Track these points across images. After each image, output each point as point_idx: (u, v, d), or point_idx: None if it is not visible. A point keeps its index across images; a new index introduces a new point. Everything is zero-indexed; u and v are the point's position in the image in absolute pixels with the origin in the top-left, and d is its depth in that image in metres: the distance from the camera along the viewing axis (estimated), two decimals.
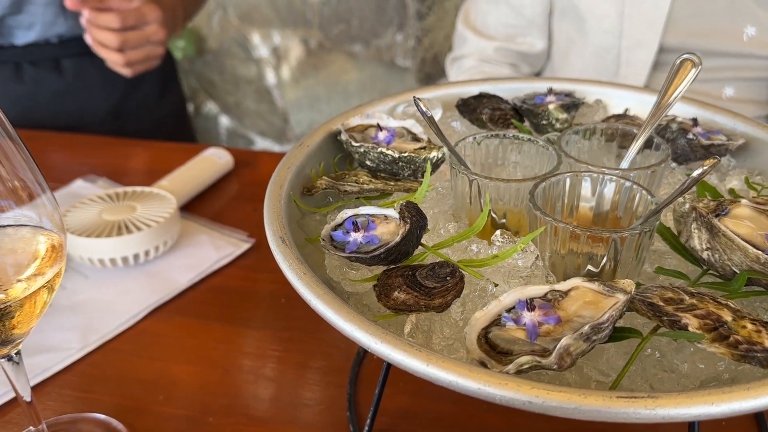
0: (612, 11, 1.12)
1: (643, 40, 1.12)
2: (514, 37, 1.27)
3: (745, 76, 1.10)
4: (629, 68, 1.14)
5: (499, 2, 1.26)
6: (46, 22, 1.32)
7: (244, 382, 0.73)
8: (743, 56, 1.09)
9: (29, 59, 1.36)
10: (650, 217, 0.53)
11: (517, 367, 0.44)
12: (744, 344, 0.45)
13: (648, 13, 1.10)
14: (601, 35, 1.15)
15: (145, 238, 0.88)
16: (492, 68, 1.29)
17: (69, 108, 1.41)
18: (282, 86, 2.62)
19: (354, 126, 0.74)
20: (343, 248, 0.56)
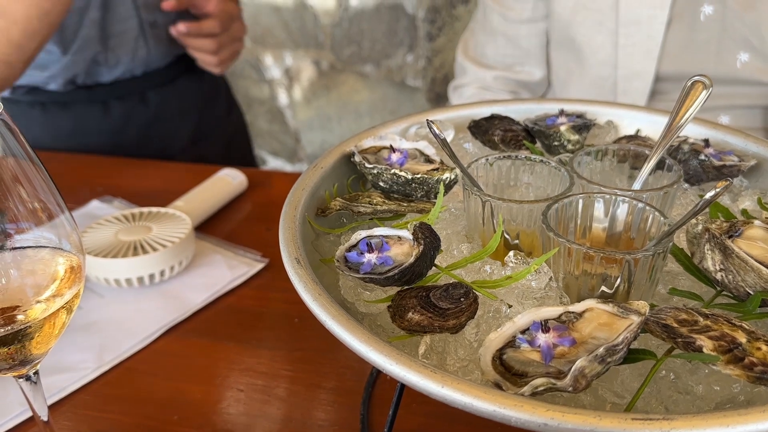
0: (607, 43, 1.14)
1: (638, 69, 1.13)
2: (512, 66, 1.29)
3: (740, 104, 1.11)
4: (627, 97, 1.16)
5: (496, 34, 1.28)
6: (132, 57, 1.33)
7: (258, 402, 0.73)
8: (738, 83, 1.10)
9: (116, 95, 1.37)
10: (663, 238, 0.53)
11: (533, 389, 0.44)
12: (759, 366, 0.45)
13: (642, 43, 1.11)
14: (597, 66, 1.17)
15: (161, 258, 0.89)
16: (492, 95, 1.30)
17: (154, 139, 1.43)
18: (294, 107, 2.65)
19: (367, 148, 0.75)
20: (358, 269, 0.56)
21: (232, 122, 1.59)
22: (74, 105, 1.34)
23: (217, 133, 1.54)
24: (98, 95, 1.35)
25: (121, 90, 1.36)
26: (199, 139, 1.50)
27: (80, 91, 1.33)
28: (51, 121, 1.35)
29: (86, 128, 1.36)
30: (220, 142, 1.55)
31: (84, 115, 1.35)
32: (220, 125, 1.54)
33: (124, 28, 1.29)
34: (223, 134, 1.56)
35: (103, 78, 1.33)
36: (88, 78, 1.32)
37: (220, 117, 1.54)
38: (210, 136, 1.52)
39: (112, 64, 1.31)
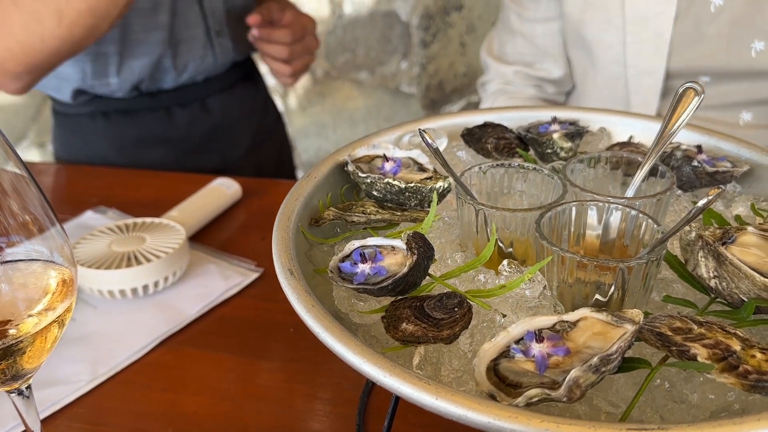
0: (615, 41, 1.13)
1: (648, 67, 1.12)
2: (531, 64, 1.30)
3: (761, 98, 1.08)
4: (638, 96, 1.14)
5: (515, 33, 1.29)
6: (199, 64, 1.33)
7: (253, 413, 0.73)
8: (755, 75, 1.07)
9: (178, 102, 1.36)
10: (657, 246, 0.53)
11: (527, 399, 0.44)
12: (754, 374, 0.45)
13: (650, 41, 1.10)
14: (608, 65, 1.16)
15: (155, 269, 0.89)
16: (516, 88, 1.31)
17: (217, 146, 1.43)
18: (289, 114, 2.65)
19: (361, 157, 0.75)
20: (351, 280, 0.56)
21: (281, 129, 1.61)
22: (138, 113, 1.33)
23: (272, 139, 1.55)
24: (162, 102, 1.34)
25: (183, 96, 1.36)
26: (257, 147, 1.50)
27: (144, 99, 1.33)
28: (115, 131, 1.34)
29: (151, 136, 1.35)
30: (274, 148, 1.56)
31: (148, 123, 1.34)
32: (273, 131, 1.56)
33: (192, 34, 1.29)
34: (277, 140, 1.57)
35: (166, 84, 1.33)
36: (152, 84, 1.31)
37: (272, 123, 1.56)
38: (265, 143, 1.53)
39: (180, 70, 1.31)
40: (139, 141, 1.35)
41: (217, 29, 1.32)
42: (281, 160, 1.59)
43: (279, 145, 1.59)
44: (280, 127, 1.61)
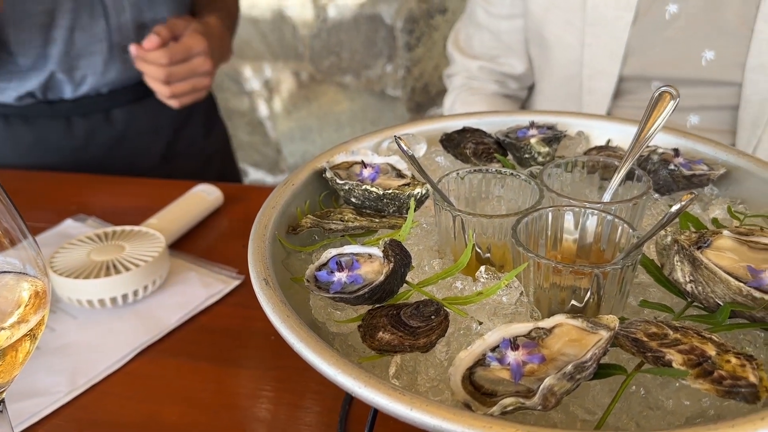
0: (574, 42, 1.14)
1: (603, 69, 1.14)
2: (495, 58, 1.32)
3: (708, 104, 1.11)
4: (591, 96, 1.16)
5: (481, 27, 1.31)
6: (99, 78, 1.32)
7: (234, 423, 0.72)
8: (704, 83, 1.10)
9: (80, 112, 1.35)
10: (632, 251, 0.53)
11: (502, 408, 0.43)
12: (728, 379, 0.45)
13: (607, 44, 1.12)
14: (566, 65, 1.18)
15: (134, 277, 0.88)
16: (480, 84, 1.33)
17: (120, 157, 1.42)
18: (274, 118, 2.64)
19: (339, 163, 0.74)
20: (328, 288, 0.56)
21: (211, 142, 1.58)
22: (36, 119, 1.33)
23: (192, 152, 1.53)
24: (60, 111, 1.33)
25: (85, 107, 1.35)
26: (172, 158, 1.49)
27: (42, 106, 1.32)
28: (12, 134, 1.34)
29: (48, 144, 1.35)
30: (196, 160, 1.54)
31: (46, 130, 1.34)
32: (195, 144, 1.53)
33: (94, 49, 1.28)
34: (200, 153, 1.55)
35: (65, 94, 1.32)
36: (50, 93, 1.31)
37: (195, 136, 1.53)
38: (184, 155, 1.51)
39: (77, 82, 1.30)
40: (37, 146, 1.35)
41: (123, 44, 1.30)
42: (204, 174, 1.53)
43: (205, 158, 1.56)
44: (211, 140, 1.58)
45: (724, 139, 1.12)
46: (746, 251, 0.56)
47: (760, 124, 1.06)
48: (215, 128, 1.60)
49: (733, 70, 1.06)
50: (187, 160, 1.51)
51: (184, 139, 1.50)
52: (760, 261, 0.55)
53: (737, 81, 1.06)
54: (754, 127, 1.07)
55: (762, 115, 1.05)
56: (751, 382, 0.44)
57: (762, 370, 0.46)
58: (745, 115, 1.07)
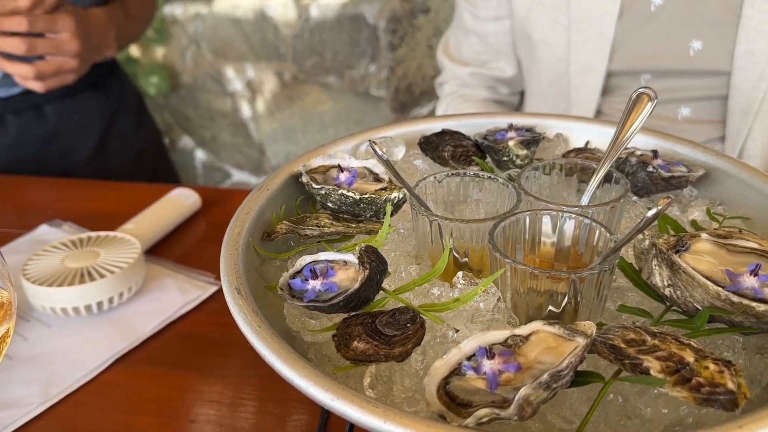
0: (561, 39, 1.14)
1: (590, 65, 1.13)
2: (485, 63, 1.31)
3: (699, 95, 1.11)
4: (579, 93, 1.15)
5: (468, 32, 1.30)
6: None
7: None
8: (693, 73, 1.09)
9: (11, 110, 1.34)
10: (609, 255, 0.52)
11: (477, 420, 0.43)
12: (706, 387, 0.44)
13: (594, 39, 1.11)
14: (553, 63, 1.17)
15: (109, 284, 0.86)
16: (471, 91, 1.32)
17: (53, 152, 1.40)
18: (257, 119, 2.62)
19: (316, 167, 0.73)
20: (302, 297, 0.55)
21: (141, 136, 1.58)
22: None
23: (124, 145, 1.53)
24: None
25: (16, 104, 1.33)
26: (105, 153, 1.49)
27: None
28: None
29: None
30: (128, 154, 1.54)
31: None
32: (127, 139, 1.53)
33: None
34: (132, 147, 1.55)
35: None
36: None
37: (126, 130, 1.53)
38: (116, 149, 1.51)
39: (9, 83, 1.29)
40: None
41: None
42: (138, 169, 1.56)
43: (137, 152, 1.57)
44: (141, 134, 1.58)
45: (715, 129, 1.12)
46: (725, 254, 0.56)
47: (750, 112, 1.05)
48: (145, 124, 1.61)
49: (722, 59, 1.06)
50: (119, 154, 1.52)
51: (115, 134, 1.50)
52: (738, 264, 0.54)
53: (726, 70, 1.06)
54: (744, 115, 1.06)
55: (752, 103, 1.04)
56: (729, 389, 0.44)
57: (740, 376, 0.45)
58: (734, 104, 1.06)
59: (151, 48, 2.58)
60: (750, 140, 1.08)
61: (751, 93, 1.04)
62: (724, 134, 1.12)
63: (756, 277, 0.52)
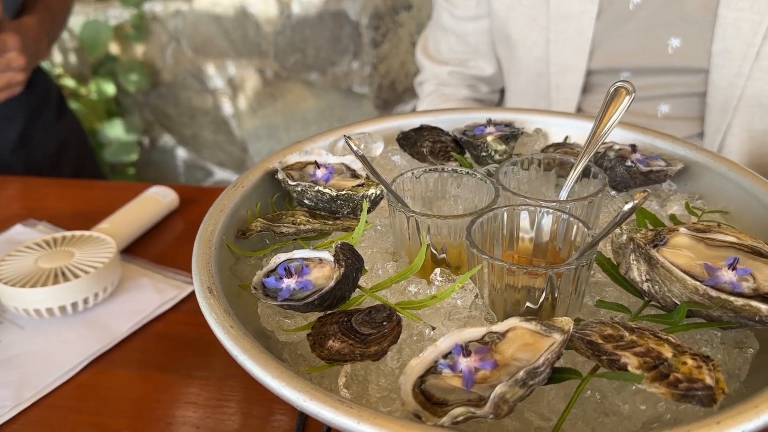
0: (540, 39, 1.14)
1: (570, 65, 1.13)
2: (465, 62, 1.30)
3: (678, 92, 1.11)
4: (560, 93, 1.15)
5: (447, 31, 1.29)
6: None
7: None
8: (671, 71, 1.10)
9: None
10: (586, 250, 0.52)
11: (452, 419, 0.42)
12: (684, 382, 0.43)
13: (573, 39, 1.11)
14: (532, 63, 1.17)
15: (84, 285, 0.85)
16: (451, 90, 1.31)
17: None
18: (239, 116, 2.60)
19: (293, 164, 0.72)
20: (276, 296, 0.54)
21: (63, 128, 1.62)
22: None
23: (47, 137, 1.57)
24: None
25: None
26: (28, 143, 1.52)
27: None
28: None
29: None
30: (51, 145, 1.58)
31: None
32: (49, 130, 1.58)
33: None
34: (54, 138, 1.59)
35: None
36: None
37: (48, 123, 1.58)
38: (39, 141, 1.55)
39: None
40: None
41: None
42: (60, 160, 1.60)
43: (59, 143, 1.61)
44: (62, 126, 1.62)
45: (694, 126, 1.12)
46: (703, 249, 0.55)
47: (728, 109, 1.06)
48: (66, 114, 1.65)
49: (700, 57, 1.06)
50: (42, 145, 1.55)
51: (38, 126, 1.54)
52: (716, 258, 0.54)
53: (704, 67, 1.06)
54: (722, 112, 1.07)
55: (730, 100, 1.05)
56: (707, 385, 0.43)
57: (719, 371, 0.45)
58: (713, 101, 1.07)
59: (131, 45, 2.55)
60: (729, 137, 1.09)
61: (728, 90, 1.04)
62: (703, 131, 1.12)
63: (734, 271, 0.51)
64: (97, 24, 2.46)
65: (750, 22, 0.99)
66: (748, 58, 1.01)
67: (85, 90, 2.57)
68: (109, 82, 2.55)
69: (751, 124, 1.07)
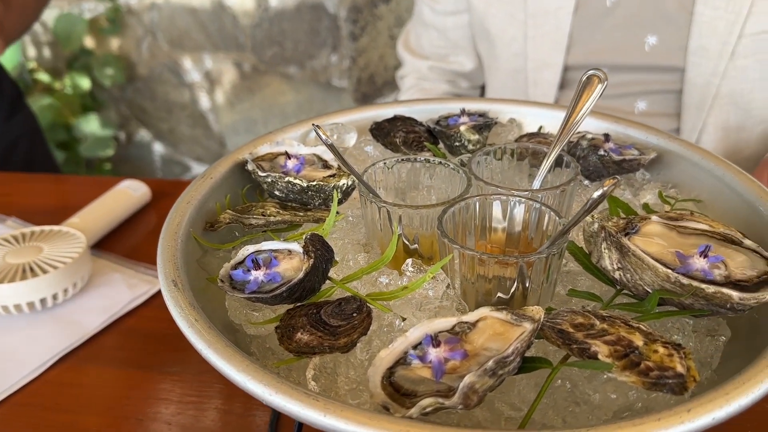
0: (518, 34, 1.14)
1: (547, 60, 1.14)
2: (445, 57, 1.31)
3: (654, 89, 1.12)
4: (537, 88, 1.16)
5: (428, 26, 1.30)
6: None
7: None
8: (648, 69, 1.10)
9: None
10: (557, 239, 0.51)
11: (420, 410, 0.41)
12: (655, 371, 0.43)
13: (550, 35, 1.11)
14: (511, 58, 1.17)
15: (53, 280, 0.83)
16: (431, 85, 1.32)
17: None
18: (217, 110, 2.57)
19: (263, 154, 0.71)
20: (244, 288, 0.53)
21: (15, 126, 1.60)
22: None
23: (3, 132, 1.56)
24: None
25: None
26: None
27: None
28: None
29: None
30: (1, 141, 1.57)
31: None
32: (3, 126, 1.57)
33: None
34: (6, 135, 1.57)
35: None
36: None
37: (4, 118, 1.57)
38: None
39: None
40: None
41: None
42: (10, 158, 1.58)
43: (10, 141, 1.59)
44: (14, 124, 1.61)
45: (671, 122, 1.13)
46: (675, 236, 0.55)
47: (704, 107, 1.07)
48: (20, 113, 1.63)
49: (676, 54, 1.07)
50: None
51: None
52: (688, 246, 0.54)
53: (680, 65, 1.07)
54: (698, 110, 1.07)
55: (705, 98, 1.06)
56: (678, 372, 0.43)
57: (690, 359, 0.45)
58: (689, 99, 1.08)
59: (106, 39, 2.51)
60: (704, 134, 1.09)
61: (704, 88, 1.05)
62: (679, 128, 1.13)
63: (706, 258, 0.51)
64: (72, 17, 2.42)
65: (725, 21, 1.00)
66: (724, 57, 1.02)
67: (59, 84, 2.53)
68: (84, 76, 2.51)
69: (726, 122, 1.08)
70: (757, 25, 0.99)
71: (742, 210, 0.63)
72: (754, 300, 0.48)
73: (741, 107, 1.06)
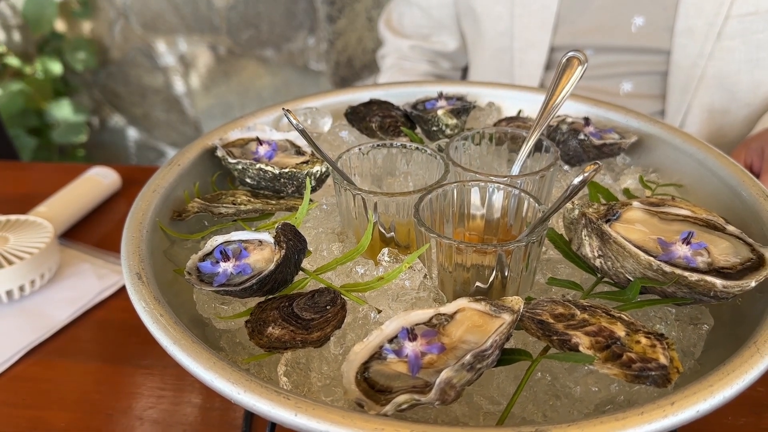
0: (505, 13, 1.12)
1: (534, 40, 1.12)
2: (428, 37, 1.29)
3: (640, 70, 1.11)
4: (523, 69, 1.14)
5: (411, 4, 1.27)
6: None
7: (129, 428, 0.67)
8: (634, 50, 1.09)
9: None
10: (536, 226, 0.50)
11: (395, 407, 0.39)
12: (638, 362, 0.42)
13: (537, 14, 1.10)
14: (496, 37, 1.15)
15: (19, 271, 0.80)
16: (411, 64, 1.30)
17: None
18: (192, 95, 2.52)
19: (234, 140, 0.69)
20: (212, 281, 0.50)
21: None
22: None
23: None
24: None
25: None
26: None
27: None
28: None
29: None
30: None
31: None
32: None
33: None
34: None
35: None
36: None
37: None
38: None
39: None
40: None
41: None
42: None
43: None
44: None
45: (656, 104, 1.12)
46: (657, 223, 0.54)
47: (689, 90, 1.06)
48: None
49: (662, 36, 1.06)
50: None
51: None
52: (671, 233, 0.52)
53: (666, 47, 1.06)
54: (683, 92, 1.07)
55: (691, 80, 1.05)
56: (661, 364, 0.42)
57: (673, 349, 0.43)
58: (674, 80, 1.07)
59: (77, 22, 2.45)
60: (689, 116, 1.09)
61: (690, 70, 1.04)
62: (664, 109, 1.12)
63: (688, 245, 0.50)
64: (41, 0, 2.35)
65: (713, 2, 0.99)
66: (710, 38, 1.01)
67: (30, 69, 2.46)
68: (56, 60, 2.44)
69: (711, 104, 1.07)
70: (744, 6, 0.98)
71: (724, 194, 0.62)
72: (738, 288, 0.47)
73: (726, 89, 1.05)
